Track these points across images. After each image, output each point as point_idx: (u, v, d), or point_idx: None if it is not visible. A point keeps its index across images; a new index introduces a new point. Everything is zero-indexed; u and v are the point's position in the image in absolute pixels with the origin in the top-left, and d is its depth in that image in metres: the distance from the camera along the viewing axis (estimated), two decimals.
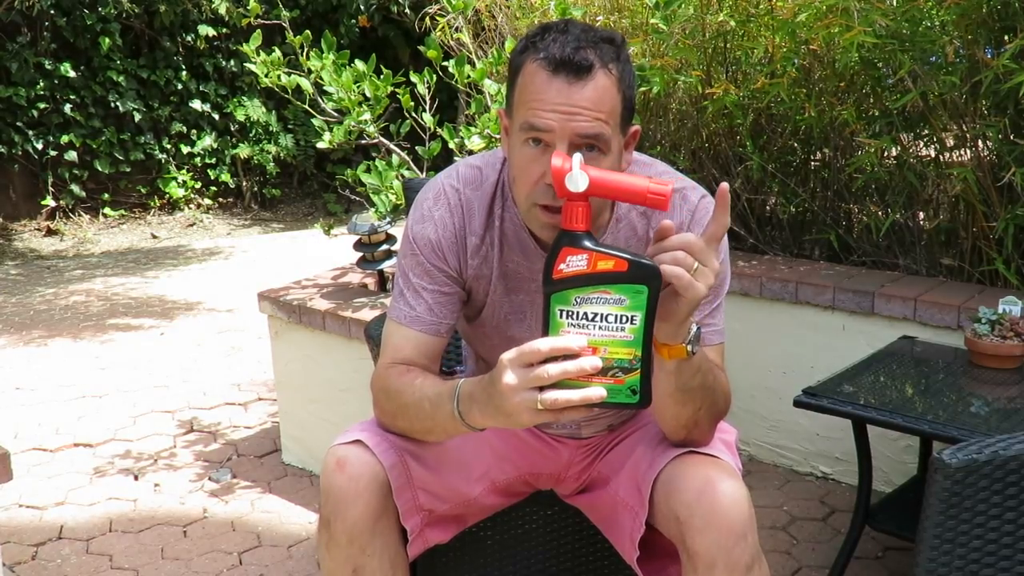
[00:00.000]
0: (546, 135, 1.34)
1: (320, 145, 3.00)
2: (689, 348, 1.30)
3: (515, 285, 1.55)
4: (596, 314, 1.20)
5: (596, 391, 1.19)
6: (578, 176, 1.21)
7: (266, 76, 3.02)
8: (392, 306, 1.57)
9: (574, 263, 1.21)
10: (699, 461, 1.43)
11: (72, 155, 7.34)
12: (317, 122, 3.05)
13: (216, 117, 7.98)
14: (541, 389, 1.20)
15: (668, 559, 1.50)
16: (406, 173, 3.00)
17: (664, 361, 1.32)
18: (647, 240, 1.51)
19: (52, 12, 7.03)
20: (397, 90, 2.99)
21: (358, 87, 2.95)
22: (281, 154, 8.14)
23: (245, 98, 7.99)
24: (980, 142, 2.78)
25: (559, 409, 1.20)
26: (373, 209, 2.90)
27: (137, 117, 7.54)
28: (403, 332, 1.54)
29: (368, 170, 2.92)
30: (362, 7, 7.97)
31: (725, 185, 1.23)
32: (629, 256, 1.21)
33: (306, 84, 2.97)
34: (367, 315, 2.76)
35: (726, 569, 1.35)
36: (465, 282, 1.56)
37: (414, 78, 3.00)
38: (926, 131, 2.94)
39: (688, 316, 1.27)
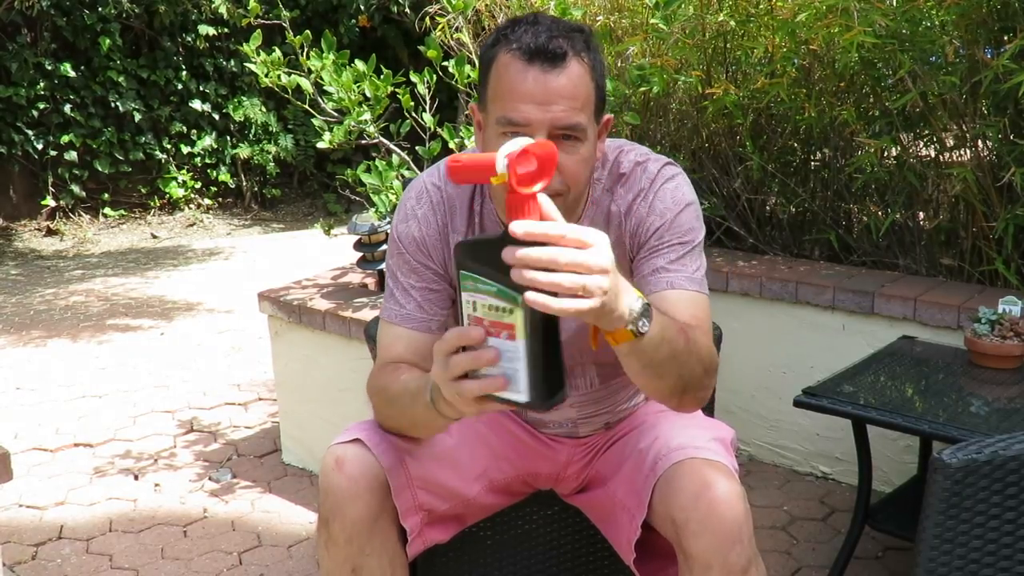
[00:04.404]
0: (525, 128, 1.34)
1: (320, 145, 3.00)
2: (634, 328, 1.21)
3: None
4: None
5: (493, 383, 1.15)
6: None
7: (266, 76, 3.01)
8: (383, 307, 1.59)
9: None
10: (696, 463, 1.42)
11: (72, 155, 7.34)
12: (317, 122, 3.05)
13: (216, 117, 7.98)
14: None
15: (666, 560, 1.50)
16: (406, 173, 3.00)
17: (618, 346, 1.26)
18: (608, 215, 1.53)
19: (52, 12, 7.03)
20: (397, 90, 2.99)
21: (358, 87, 2.95)
22: (281, 154, 8.14)
23: (245, 98, 7.99)
24: (980, 142, 2.78)
25: (479, 400, 1.17)
26: (373, 209, 2.90)
27: (137, 117, 7.54)
28: (394, 331, 1.55)
29: (368, 170, 2.92)
30: (362, 7, 7.96)
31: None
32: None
33: (306, 84, 2.97)
34: (367, 315, 2.76)
35: (722, 572, 1.35)
36: (451, 279, 1.57)
37: (414, 78, 3.00)
38: (926, 131, 2.94)
39: (601, 318, 1.17)
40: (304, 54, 2.98)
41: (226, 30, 7.77)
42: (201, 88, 7.87)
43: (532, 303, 1.07)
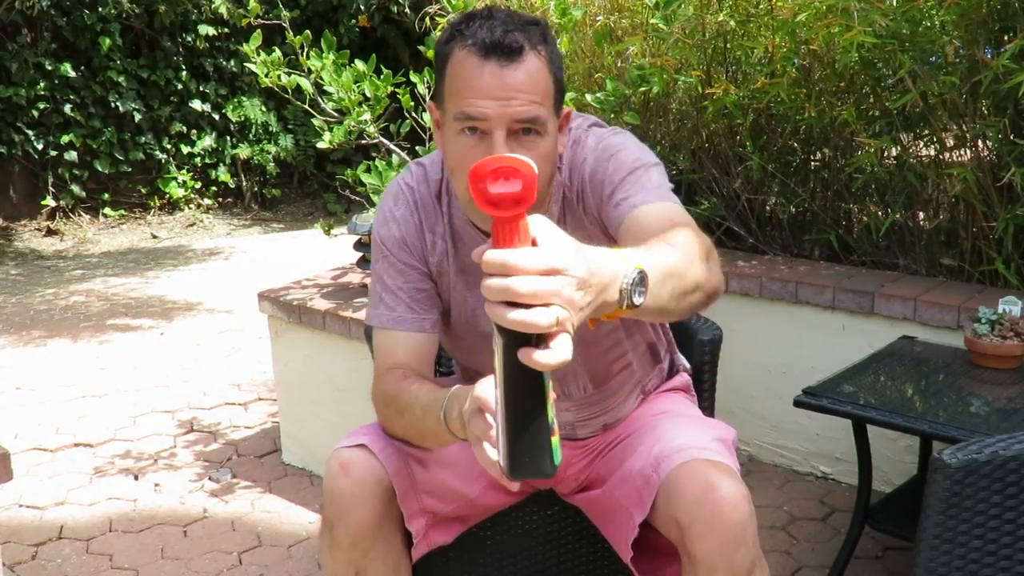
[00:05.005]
0: (483, 123, 1.33)
1: (320, 145, 3.00)
2: (628, 304, 1.04)
3: (475, 280, 1.54)
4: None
5: (490, 435, 1.14)
6: None
7: (266, 76, 3.01)
8: (373, 314, 1.57)
9: None
10: (699, 464, 1.42)
11: (72, 155, 7.34)
12: (317, 122, 3.05)
13: (216, 117, 7.98)
14: None
15: (665, 559, 1.50)
16: None
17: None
18: (564, 201, 1.51)
19: (52, 12, 7.03)
20: (397, 90, 2.99)
21: (358, 87, 2.95)
22: (281, 154, 8.14)
23: (245, 98, 7.99)
24: (980, 142, 2.78)
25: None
26: (373, 209, 2.90)
27: (137, 117, 7.54)
28: (390, 336, 1.54)
29: (368, 170, 2.92)
30: (362, 7, 7.96)
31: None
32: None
33: (306, 84, 2.97)
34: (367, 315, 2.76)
35: (727, 574, 1.34)
36: (433, 277, 1.57)
37: (414, 78, 3.00)
38: (926, 131, 2.94)
39: (592, 311, 0.99)
40: (304, 54, 2.98)
41: (226, 30, 7.77)
42: (201, 88, 7.87)
43: (522, 357, 0.90)
